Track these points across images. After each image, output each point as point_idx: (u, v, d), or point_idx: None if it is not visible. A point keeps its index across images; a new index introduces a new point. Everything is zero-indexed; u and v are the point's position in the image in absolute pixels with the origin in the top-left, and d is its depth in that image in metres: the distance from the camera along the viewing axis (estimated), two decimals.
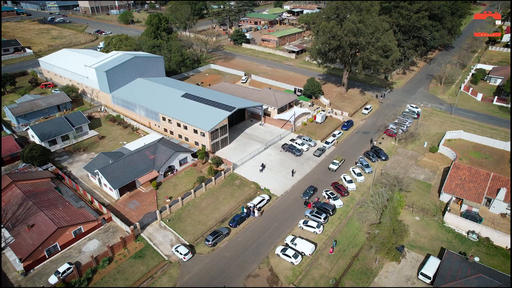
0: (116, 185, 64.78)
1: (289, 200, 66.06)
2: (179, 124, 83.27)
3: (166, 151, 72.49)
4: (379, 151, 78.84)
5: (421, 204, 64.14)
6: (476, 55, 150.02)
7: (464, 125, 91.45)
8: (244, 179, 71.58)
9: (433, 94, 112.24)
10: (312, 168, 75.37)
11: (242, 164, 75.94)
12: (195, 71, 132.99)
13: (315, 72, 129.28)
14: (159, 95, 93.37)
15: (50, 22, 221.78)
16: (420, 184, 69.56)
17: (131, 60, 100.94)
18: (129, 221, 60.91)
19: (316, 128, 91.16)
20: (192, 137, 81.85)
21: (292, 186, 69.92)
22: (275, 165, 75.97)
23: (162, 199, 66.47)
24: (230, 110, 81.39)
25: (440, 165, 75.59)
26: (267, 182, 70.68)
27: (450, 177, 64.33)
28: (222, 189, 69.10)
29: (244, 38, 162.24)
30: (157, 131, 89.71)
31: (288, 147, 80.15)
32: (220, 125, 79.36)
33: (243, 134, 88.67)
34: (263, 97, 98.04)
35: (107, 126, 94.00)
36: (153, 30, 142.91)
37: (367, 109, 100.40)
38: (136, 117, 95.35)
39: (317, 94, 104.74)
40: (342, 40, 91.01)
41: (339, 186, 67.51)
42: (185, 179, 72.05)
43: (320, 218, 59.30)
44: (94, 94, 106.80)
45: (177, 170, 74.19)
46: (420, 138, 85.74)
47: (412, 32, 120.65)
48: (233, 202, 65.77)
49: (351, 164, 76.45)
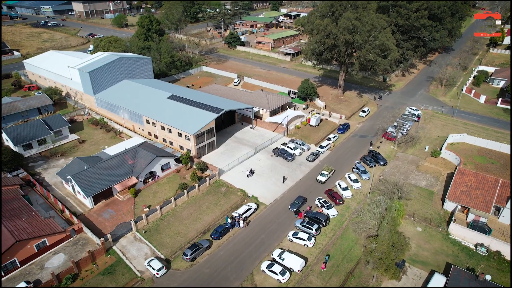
0: (89, 193, 59.21)
1: (278, 209, 60.43)
2: (163, 127, 77.99)
3: (147, 155, 67.07)
4: (377, 156, 73.41)
5: (423, 213, 58.49)
6: (477, 57, 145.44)
7: (468, 128, 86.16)
8: (230, 186, 66.01)
9: (434, 96, 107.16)
10: (304, 174, 69.84)
11: (229, 169, 70.46)
12: (186, 74, 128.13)
13: (311, 74, 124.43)
14: (144, 97, 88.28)
15: (43, 26, 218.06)
16: (422, 191, 63.99)
17: (116, 61, 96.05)
18: (102, 232, 55.22)
19: (310, 132, 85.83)
20: (176, 141, 76.49)
21: (283, 194, 64.32)
22: (265, 170, 70.48)
23: (140, 207, 60.87)
24: (218, 112, 76.17)
25: (443, 171, 70.09)
26: (255, 189, 65.13)
27: (455, 184, 58.80)
28: (206, 197, 63.50)
29: (238, 40, 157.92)
30: (141, 134, 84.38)
31: (280, 152, 74.73)
32: (206, 128, 74.06)
33: (233, 138, 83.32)
34: (254, 99, 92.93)
35: (89, 130, 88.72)
36: (144, 32, 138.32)
37: (365, 111, 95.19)
38: (120, 120, 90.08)
39: (312, 96, 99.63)
40: (337, 39, 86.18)
41: (334, 194, 61.92)
42: (166, 186, 66.50)
43: (312, 229, 53.63)
44: (78, 97, 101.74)
45: (158, 176, 68.68)
46: (421, 142, 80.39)
47: (411, 33, 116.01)
48: (217, 211, 60.13)
49: (347, 170, 70.95)
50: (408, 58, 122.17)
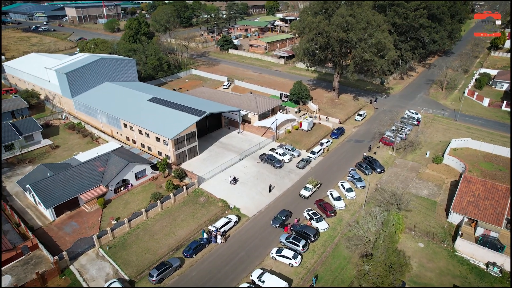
0: (49, 204, 52.61)
1: (262, 222, 53.76)
2: (140, 132, 71.71)
3: (118, 162, 60.63)
4: (373, 162, 66.97)
5: (425, 227, 51.83)
6: (478, 60, 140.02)
7: (471, 133, 79.92)
8: (210, 196, 59.43)
9: (434, 100, 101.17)
10: (294, 183, 63.31)
11: (211, 177, 63.95)
12: (175, 77, 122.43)
13: (305, 77, 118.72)
14: (124, 99, 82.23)
15: (34, 30, 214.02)
16: (423, 202, 57.41)
17: (97, 62, 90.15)
18: (60, 249, 48.51)
19: (301, 136, 79.54)
20: (155, 146, 70.15)
21: (268, 205, 57.70)
22: (250, 178, 63.98)
23: (108, 220, 54.23)
24: (200, 115, 70.00)
25: (446, 178, 63.60)
26: (238, 199, 58.55)
27: (460, 193, 52.26)
28: (183, 208, 56.87)
29: (231, 43, 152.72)
30: (119, 140, 78.10)
31: (267, 158, 68.31)
32: (187, 132, 67.79)
33: (218, 143, 76.99)
34: (242, 102, 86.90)
35: (65, 135, 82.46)
36: (132, 34, 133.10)
37: (361, 115, 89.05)
38: (98, 125, 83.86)
39: (305, 99, 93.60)
40: (330, 37, 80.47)
41: (325, 205, 55.29)
42: (140, 196, 59.92)
43: (299, 246, 46.94)
44: (57, 100, 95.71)
45: (132, 185, 62.15)
46: (422, 147, 74.07)
47: (410, 33, 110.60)
48: (194, 225, 53.46)
49: (341, 178, 64.43)
50: (406, 60, 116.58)
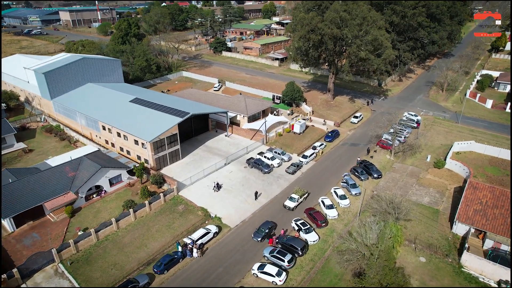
0: (7, 213, 47.19)
1: (245, 233, 48.28)
2: (119, 134, 66.56)
3: (90, 166, 55.39)
4: (369, 167, 61.67)
5: (427, 239, 46.40)
6: (479, 62, 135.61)
7: (475, 135, 74.79)
8: (190, 204, 54.02)
9: (435, 102, 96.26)
10: (283, 189, 57.93)
11: (192, 183, 58.59)
12: (164, 79, 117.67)
13: (299, 79, 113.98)
14: (105, 101, 77.26)
15: (26, 34, 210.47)
16: (424, 210, 52.03)
17: (78, 62, 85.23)
18: (14, 265, 42.98)
19: (293, 140, 74.37)
20: (133, 149, 64.94)
21: (253, 214, 52.26)
22: (235, 185, 58.63)
23: (74, 230, 48.77)
24: (182, 116, 64.92)
25: (449, 184, 58.28)
26: (220, 207, 53.14)
27: (466, 201, 46.92)
28: (159, 217, 51.43)
29: (224, 46, 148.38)
30: (98, 143, 72.95)
31: (254, 162, 63.04)
32: (168, 135, 62.63)
33: (203, 147, 71.79)
34: (231, 104, 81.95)
35: (42, 138, 77.31)
36: (121, 36, 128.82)
37: (357, 117, 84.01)
38: (78, 128, 78.80)
39: (298, 101, 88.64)
40: (323, 34, 75.78)
41: (315, 214, 49.84)
42: (113, 204, 54.51)
43: (284, 261, 41.44)
44: (36, 102, 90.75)
45: (105, 191, 56.79)
46: (422, 150, 68.89)
47: (408, 33, 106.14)
48: (169, 236, 47.99)
49: (334, 184, 59.10)
50: (405, 61, 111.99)
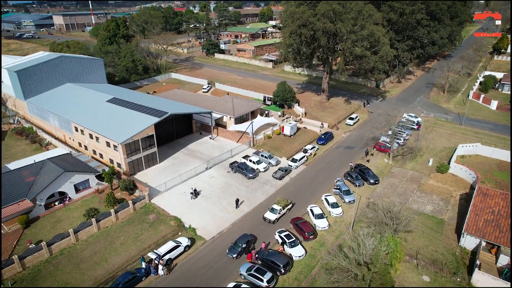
0: None
1: (221, 246, 42.11)
2: (91, 136, 60.77)
3: (52, 170, 49.48)
4: (365, 172, 55.67)
5: (431, 253, 40.23)
6: (481, 64, 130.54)
7: (480, 138, 68.97)
8: (163, 213, 47.93)
9: (436, 103, 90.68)
10: (268, 196, 51.86)
11: (167, 190, 52.56)
12: (151, 80, 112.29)
13: (294, 81, 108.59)
14: (81, 101, 71.68)
15: (18, 37, 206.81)
16: (427, 220, 45.93)
17: (55, 60, 79.76)
18: None
19: (283, 142, 68.54)
20: (106, 152, 59.07)
21: (233, 224, 46.15)
22: (216, 191, 52.60)
23: (25, 244, 42.62)
24: (160, 116, 59.23)
25: (454, 191, 52.25)
26: (196, 217, 47.07)
27: (475, 210, 40.87)
28: (126, 227, 45.32)
29: (216, 48, 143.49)
30: (72, 146, 67.19)
31: (238, 167, 57.07)
32: (142, 136, 56.83)
33: (184, 150, 65.92)
34: (217, 105, 76.45)
35: (11, 141, 71.56)
36: (109, 36, 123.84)
37: (352, 119, 78.33)
38: (52, 130, 73.12)
39: (290, 102, 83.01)
40: (316, 29, 70.49)
41: (302, 224, 43.69)
42: (77, 212, 48.40)
43: (263, 281, 35.24)
44: (11, 102, 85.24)
45: (70, 198, 50.77)
46: (423, 153, 63.03)
47: (407, 32, 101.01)
48: (134, 250, 41.83)
49: (326, 191, 53.06)
50: (404, 62, 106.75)
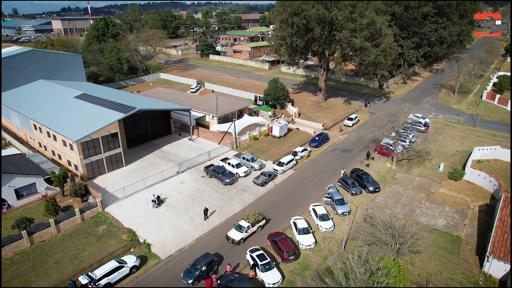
0: None
1: (178, 268, 33.47)
2: (49, 134, 53.12)
3: None
4: (363, 177, 46.87)
5: (446, 282, 31.16)
6: (493, 66, 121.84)
7: (499, 141, 59.97)
8: (115, 224, 39.56)
9: (446, 104, 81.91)
10: (245, 206, 43.27)
11: (126, 197, 44.31)
12: (138, 80, 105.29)
13: (290, 81, 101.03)
14: (47, 98, 64.46)
15: (15, 41, 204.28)
16: (439, 237, 36.88)
17: (25, 55, 72.95)
18: None
19: (271, 144, 60.18)
20: (64, 152, 51.25)
21: (197, 239, 37.55)
22: (184, 198, 44.23)
23: None
24: (126, 111, 51.49)
25: (471, 201, 43.20)
26: (155, 230, 38.63)
27: (502, 225, 31.86)
28: (66, 242, 36.99)
29: (211, 48, 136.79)
30: (32, 146, 59.76)
31: (213, 171, 48.72)
32: (103, 134, 48.94)
33: (158, 152, 57.84)
34: (200, 103, 68.74)
35: None
36: (97, 35, 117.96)
37: (352, 119, 69.87)
38: (14, 129, 65.94)
39: (282, 101, 74.90)
40: (310, 19, 62.74)
41: (281, 242, 34.85)
42: (11, 223, 40.21)
43: None
44: None
45: (9, 206, 42.79)
46: (432, 158, 54.18)
47: (413, 27, 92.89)
48: (70, 271, 33.38)
49: (316, 200, 44.34)
50: (409, 61, 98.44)
